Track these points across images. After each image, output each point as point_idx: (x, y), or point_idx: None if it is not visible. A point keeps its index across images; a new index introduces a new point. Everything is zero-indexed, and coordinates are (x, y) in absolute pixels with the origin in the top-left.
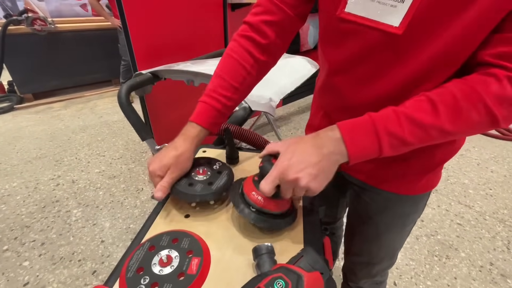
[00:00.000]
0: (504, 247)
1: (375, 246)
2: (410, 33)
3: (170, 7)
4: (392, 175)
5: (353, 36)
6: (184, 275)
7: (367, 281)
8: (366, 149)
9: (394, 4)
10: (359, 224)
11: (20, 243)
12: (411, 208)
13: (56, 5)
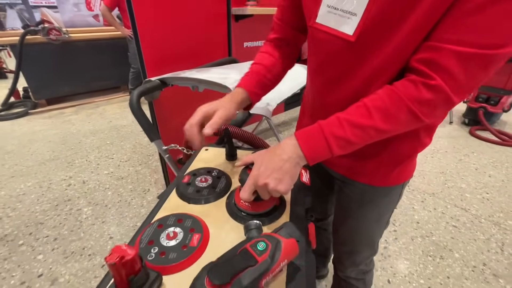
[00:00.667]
0: (498, 249)
1: (356, 235)
2: (362, 40)
3: (178, 18)
4: (366, 168)
5: (323, 43)
6: (187, 247)
7: (354, 269)
8: (319, 151)
9: (349, 16)
10: (342, 215)
11: (34, 238)
12: (385, 198)
13: (70, 16)
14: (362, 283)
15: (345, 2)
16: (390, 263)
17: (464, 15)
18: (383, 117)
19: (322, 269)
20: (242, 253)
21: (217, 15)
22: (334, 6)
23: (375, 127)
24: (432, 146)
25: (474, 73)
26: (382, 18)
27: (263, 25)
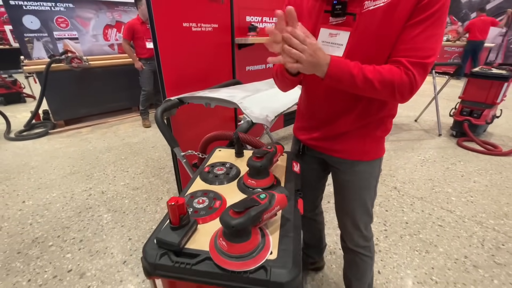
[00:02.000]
0: (479, 244)
1: (354, 202)
2: (348, 59)
3: (192, 48)
4: (355, 149)
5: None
6: (212, 208)
7: (359, 235)
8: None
9: (338, 46)
10: (341, 190)
11: (62, 240)
12: (370, 169)
13: (89, 46)
14: (368, 250)
15: (333, 38)
16: (380, 257)
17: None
18: (378, 77)
19: (319, 260)
20: (251, 199)
21: (224, 45)
22: (327, 41)
23: (371, 80)
24: (422, 156)
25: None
26: (358, 45)
27: (262, 52)
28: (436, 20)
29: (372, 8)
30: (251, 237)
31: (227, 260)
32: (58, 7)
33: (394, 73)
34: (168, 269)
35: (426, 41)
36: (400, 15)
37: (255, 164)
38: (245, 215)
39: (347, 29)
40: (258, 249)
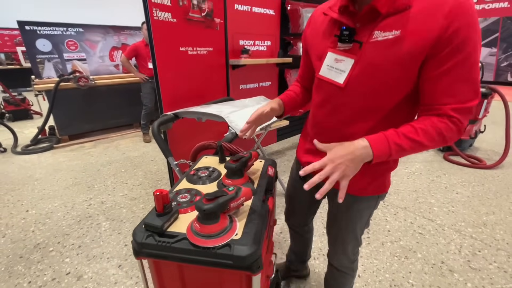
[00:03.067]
0: (456, 250)
1: (345, 233)
2: (348, 87)
3: (188, 68)
4: (355, 184)
5: (324, 87)
6: (192, 202)
7: (345, 258)
8: (383, 152)
9: (340, 73)
10: (334, 219)
11: (62, 245)
12: (365, 205)
13: (96, 66)
14: (351, 270)
15: (338, 64)
16: (361, 262)
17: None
18: (425, 136)
19: (303, 269)
20: (221, 190)
21: (218, 66)
22: (331, 66)
23: (421, 141)
24: (409, 169)
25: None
26: (361, 75)
27: (254, 72)
28: (468, 61)
29: (380, 39)
30: (220, 221)
31: (199, 239)
32: (69, 31)
33: (440, 126)
34: (152, 247)
35: (464, 84)
36: (410, 51)
37: (230, 166)
38: (214, 202)
39: (352, 56)
40: (225, 231)
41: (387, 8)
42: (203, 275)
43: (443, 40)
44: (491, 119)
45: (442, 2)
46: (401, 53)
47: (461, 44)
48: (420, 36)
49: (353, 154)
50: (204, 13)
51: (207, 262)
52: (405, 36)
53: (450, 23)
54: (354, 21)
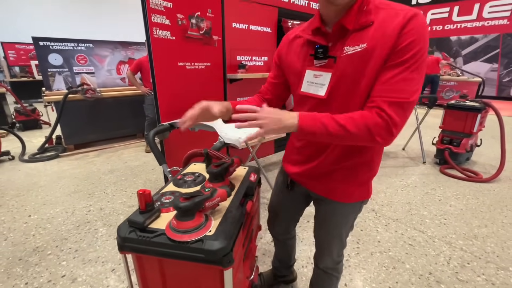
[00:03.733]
0: (445, 262)
1: (331, 237)
2: (329, 97)
3: (187, 81)
4: (338, 190)
5: (307, 101)
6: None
7: (330, 261)
8: (307, 126)
9: (321, 86)
10: (320, 224)
11: (59, 249)
12: (349, 210)
13: (103, 79)
14: (336, 271)
15: (317, 79)
16: (349, 271)
17: (388, 80)
18: (351, 122)
19: (289, 274)
20: (198, 191)
21: (216, 79)
22: (312, 81)
23: (344, 125)
24: (404, 182)
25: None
26: (339, 85)
27: (250, 85)
28: (415, 62)
29: (350, 53)
30: (195, 218)
31: (175, 234)
32: (79, 46)
33: (366, 116)
34: (134, 242)
35: (402, 83)
36: (375, 60)
37: (212, 171)
38: (190, 201)
39: (329, 70)
40: (200, 227)
41: (354, 25)
42: (181, 270)
43: (398, 41)
44: (490, 134)
45: (397, 14)
46: (369, 62)
47: (408, 47)
48: (382, 46)
49: (280, 115)
50: (202, 31)
51: (182, 255)
52: (371, 47)
53: (402, 29)
54: (326, 40)
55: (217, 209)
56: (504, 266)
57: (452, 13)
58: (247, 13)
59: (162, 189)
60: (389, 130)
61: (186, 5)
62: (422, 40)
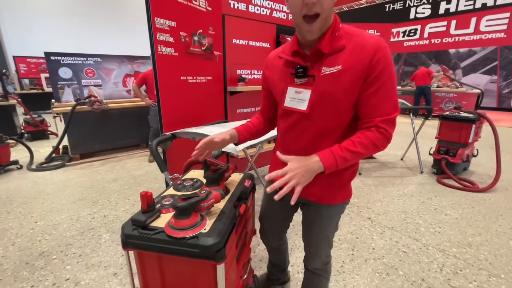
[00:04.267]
0: (438, 269)
1: (318, 237)
2: (311, 111)
3: (188, 94)
4: (322, 193)
5: (289, 115)
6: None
7: (318, 261)
8: (331, 164)
9: (302, 101)
10: (309, 227)
11: (64, 254)
12: (334, 211)
13: (110, 91)
14: (325, 272)
15: (298, 95)
16: (343, 277)
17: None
18: (362, 146)
19: (283, 276)
20: (194, 193)
21: (217, 92)
22: (294, 97)
23: (358, 151)
24: (401, 191)
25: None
26: (318, 101)
27: (250, 97)
28: (386, 84)
29: (328, 73)
30: (191, 217)
31: (173, 231)
32: (88, 61)
33: (369, 136)
34: (136, 238)
35: (386, 102)
36: (349, 81)
37: (209, 176)
38: (187, 201)
39: (308, 87)
40: (195, 226)
41: (328, 49)
42: (178, 266)
43: (370, 71)
44: (489, 144)
45: (366, 43)
46: (344, 82)
47: (381, 73)
48: (355, 69)
49: (307, 166)
50: (204, 47)
51: (179, 251)
52: (345, 69)
53: (372, 58)
54: (305, 61)
55: (212, 210)
56: (496, 273)
57: (449, 26)
58: (247, 30)
59: (163, 193)
60: (387, 140)
61: (189, 23)
62: (389, 64)
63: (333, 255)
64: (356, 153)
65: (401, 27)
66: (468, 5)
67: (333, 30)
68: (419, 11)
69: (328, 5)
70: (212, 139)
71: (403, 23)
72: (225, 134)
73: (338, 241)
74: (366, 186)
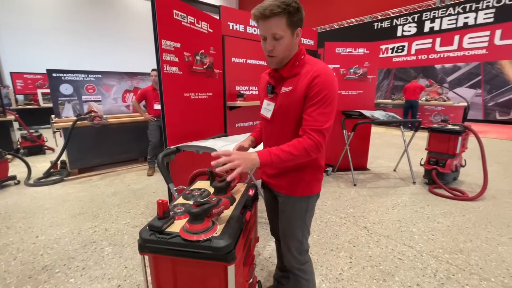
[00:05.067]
0: (432, 274)
1: (286, 229)
2: (273, 119)
3: (190, 109)
4: (287, 186)
5: (263, 122)
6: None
7: (292, 258)
8: (266, 160)
9: (269, 111)
10: (280, 218)
11: (67, 267)
12: (299, 203)
13: (109, 107)
14: (303, 272)
15: (268, 106)
16: (342, 284)
17: (308, 114)
18: (293, 148)
19: (288, 283)
20: (207, 200)
21: (217, 107)
22: (265, 107)
23: (289, 151)
24: (395, 201)
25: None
26: (279, 112)
27: (248, 112)
28: (323, 103)
29: (284, 91)
30: (204, 222)
31: (188, 234)
32: (89, 77)
33: (301, 141)
34: (153, 242)
35: (319, 116)
36: (297, 98)
37: (217, 185)
38: (200, 208)
39: (273, 101)
40: (208, 230)
41: (287, 74)
42: (190, 269)
43: (308, 91)
44: (477, 155)
45: (311, 71)
46: (294, 99)
47: (318, 92)
48: (301, 89)
49: (248, 157)
50: (205, 66)
51: (193, 253)
52: (295, 89)
53: (312, 81)
54: (274, 81)
55: (221, 217)
56: (486, 277)
57: (434, 43)
58: (244, 49)
59: (174, 202)
60: (317, 148)
61: (192, 44)
62: (325, 89)
63: (332, 263)
64: (288, 153)
65: (390, 44)
66: (451, 23)
67: (294, 61)
68: (406, 29)
69: (281, 51)
70: (242, 145)
71: (391, 40)
72: (248, 141)
73: (336, 250)
74: (361, 196)
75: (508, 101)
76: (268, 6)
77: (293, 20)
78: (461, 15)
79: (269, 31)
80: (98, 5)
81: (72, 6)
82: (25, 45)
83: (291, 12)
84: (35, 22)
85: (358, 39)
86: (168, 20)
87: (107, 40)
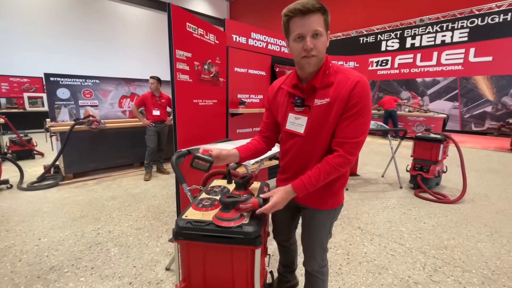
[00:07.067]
0: (421, 268)
1: (312, 239)
2: (307, 135)
3: (198, 115)
4: (317, 200)
5: (290, 137)
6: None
7: (315, 263)
8: (302, 190)
9: (300, 126)
10: (304, 229)
11: (76, 267)
12: (325, 216)
13: (106, 112)
14: (321, 274)
15: (297, 120)
16: (342, 277)
17: (344, 127)
18: (325, 173)
19: (291, 278)
20: (237, 195)
21: (220, 114)
22: (293, 122)
23: (322, 177)
24: (384, 204)
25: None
26: (313, 126)
27: (249, 119)
28: (360, 115)
29: (319, 104)
30: (232, 212)
31: (221, 222)
32: (87, 82)
33: (330, 160)
34: (189, 229)
35: (356, 128)
36: (335, 111)
37: (239, 182)
38: (230, 199)
39: (305, 115)
40: (237, 218)
41: (320, 84)
42: (220, 255)
43: (348, 102)
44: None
45: (348, 80)
46: (332, 112)
47: (356, 103)
48: (339, 101)
49: (285, 195)
50: (212, 75)
51: (226, 238)
52: (332, 102)
53: (352, 91)
54: (302, 93)
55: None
56: (468, 269)
57: (415, 58)
58: (246, 60)
59: (199, 196)
60: (347, 163)
61: (201, 54)
62: (364, 98)
63: (331, 259)
64: (320, 179)
65: (375, 57)
66: (430, 41)
67: (325, 69)
68: (389, 44)
69: (322, 50)
70: (221, 151)
71: (376, 54)
72: (232, 151)
73: (334, 248)
74: (354, 200)
75: (482, 113)
76: (309, 1)
77: (326, 20)
78: (439, 33)
79: (310, 27)
80: (89, 11)
81: (64, 11)
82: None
83: (326, 11)
84: (25, 26)
85: (346, 52)
86: (181, 32)
87: (97, 46)
